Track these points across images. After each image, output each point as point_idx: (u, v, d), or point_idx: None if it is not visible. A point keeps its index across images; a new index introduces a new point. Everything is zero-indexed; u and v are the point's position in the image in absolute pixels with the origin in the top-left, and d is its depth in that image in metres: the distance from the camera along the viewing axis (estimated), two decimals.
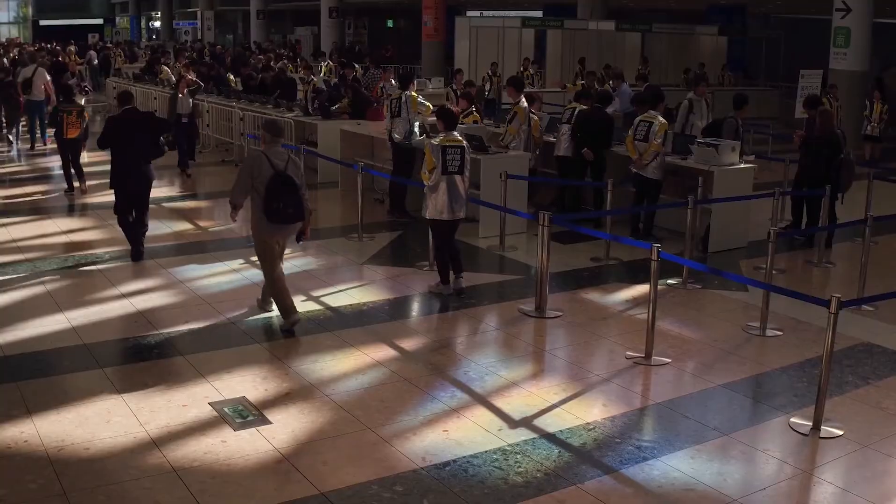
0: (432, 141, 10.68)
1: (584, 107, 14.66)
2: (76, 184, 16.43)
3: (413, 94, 14.65)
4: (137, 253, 12.05)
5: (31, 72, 21.80)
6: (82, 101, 18.62)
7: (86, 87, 23.01)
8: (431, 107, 14.38)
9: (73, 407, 7.41)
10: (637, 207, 13.39)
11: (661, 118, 13.27)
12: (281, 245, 9.64)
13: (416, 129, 14.51)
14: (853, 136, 20.39)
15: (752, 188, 13.43)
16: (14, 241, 13.12)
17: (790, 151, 16.81)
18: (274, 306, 9.62)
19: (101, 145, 12.11)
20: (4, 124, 23.68)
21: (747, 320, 9.88)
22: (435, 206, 10.46)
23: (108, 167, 12.17)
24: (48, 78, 21.68)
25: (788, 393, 8.06)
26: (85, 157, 17.03)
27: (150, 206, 12.33)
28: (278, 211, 9.15)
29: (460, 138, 10.55)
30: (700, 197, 12.27)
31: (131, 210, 12.11)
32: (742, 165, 13.29)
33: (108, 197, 12.54)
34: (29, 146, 21.99)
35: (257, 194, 9.18)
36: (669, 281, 11.17)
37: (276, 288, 9.46)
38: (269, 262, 9.46)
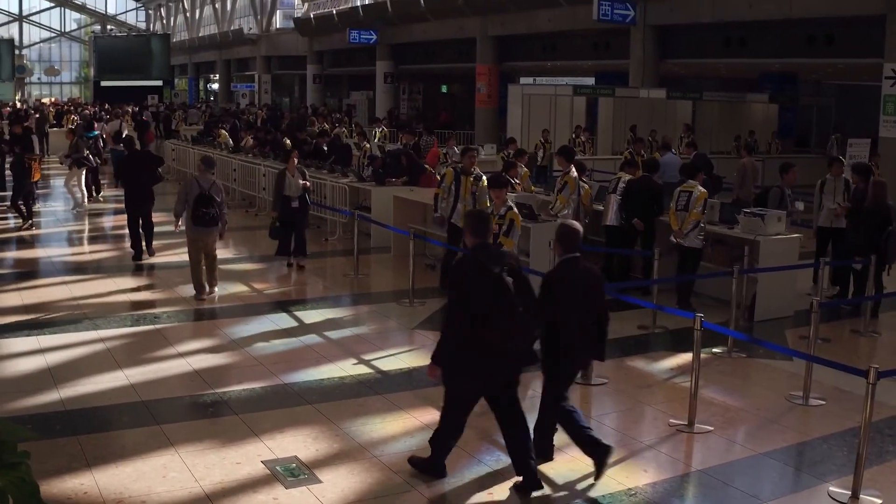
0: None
1: (631, 176, 14.81)
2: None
3: (484, 183, 13.56)
4: (139, 254, 16.37)
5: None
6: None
7: (86, 158, 22.79)
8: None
9: (131, 461, 7.69)
10: (682, 276, 13.52)
11: (700, 188, 13.42)
12: (204, 242, 13.57)
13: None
14: None
15: (798, 257, 13.53)
16: (75, 298, 13.52)
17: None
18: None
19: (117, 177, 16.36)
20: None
21: (791, 389, 9.96)
22: None
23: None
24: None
25: (829, 462, 8.17)
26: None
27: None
28: (200, 216, 13.32)
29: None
30: (746, 266, 12.41)
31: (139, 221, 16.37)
32: (788, 235, 13.40)
33: (166, 259, 15.07)
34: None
35: (188, 206, 13.36)
36: (715, 349, 11.30)
37: (193, 271, 13.63)
38: (193, 254, 13.64)
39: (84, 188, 22.82)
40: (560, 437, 8.45)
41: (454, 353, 7.20)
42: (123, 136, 25.33)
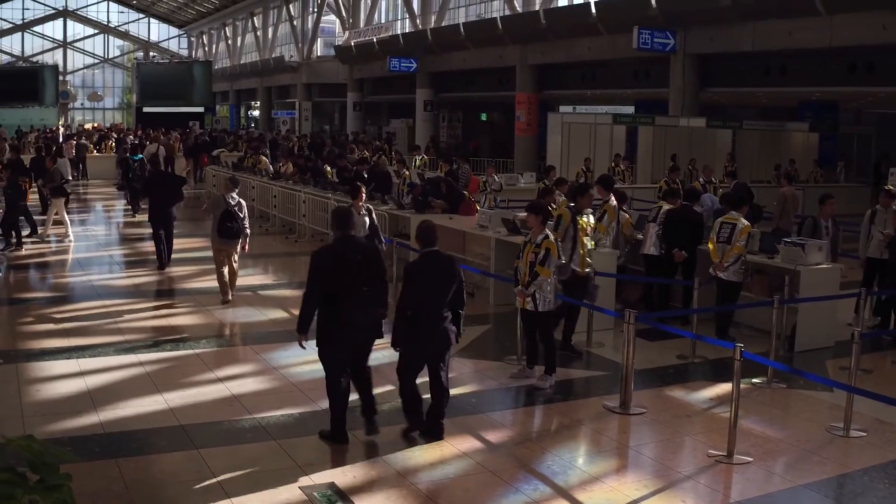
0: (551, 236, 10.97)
1: (671, 205, 14.77)
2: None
3: (584, 220, 12.49)
4: (162, 264, 17.90)
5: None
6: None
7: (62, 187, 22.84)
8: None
9: (169, 485, 7.74)
10: (723, 307, 13.42)
11: (743, 220, 13.22)
12: (227, 252, 14.83)
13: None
14: None
15: (839, 287, 13.42)
16: (115, 322, 13.64)
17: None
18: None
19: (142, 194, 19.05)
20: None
21: (831, 420, 9.85)
22: (551, 299, 10.88)
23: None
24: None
25: (870, 494, 8.10)
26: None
27: (246, 293, 12.78)
28: (225, 230, 14.58)
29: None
30: (786, 296, 12.34)
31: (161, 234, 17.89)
32: (828, 265, 13.30)
33: (204, 284, 15.56)
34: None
35: (214, 220, 14.77)
36: (754, 380, 11.21)
37: (218, 277, 14.93)
38: (218, 262, 14.89)
39: (66, 217, 22.40)
40: (598, 467, 8.44)
41: (320, 326, 8.75)
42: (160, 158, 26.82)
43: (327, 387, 8.88)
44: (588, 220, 12.48)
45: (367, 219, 14.35)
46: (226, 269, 14.97)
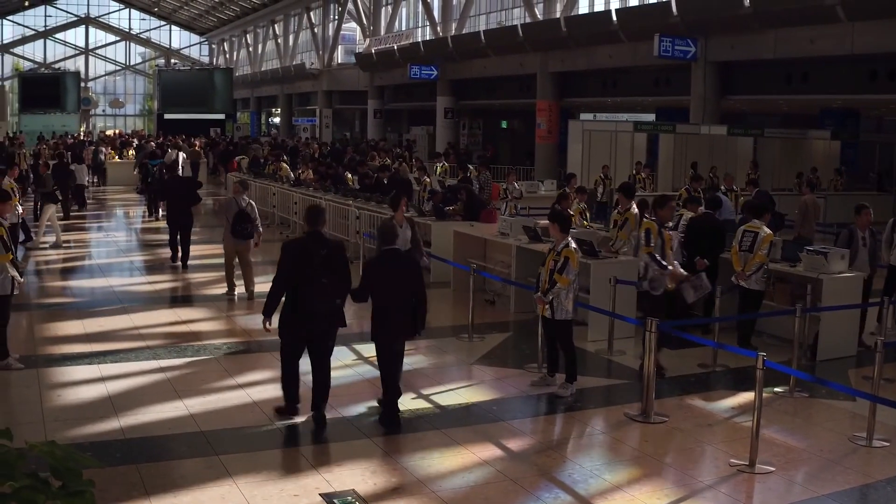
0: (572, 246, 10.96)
1: (692, 213, 14.71)
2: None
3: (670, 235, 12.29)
4: (174, 258, 19.25)
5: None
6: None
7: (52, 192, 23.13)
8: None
9: (189, 491, 7.75)
10: (744, 315, 13.36)
11: (766, 228, 13.13)
12: (239, 252, 15.87)
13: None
14: None
15: (861, 296, 13.33)
16: (136, 327, 13.68)
17: None
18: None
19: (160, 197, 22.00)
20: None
21: (854, 430, 9.79)
22: (569, 309, 10.87)
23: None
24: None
25: None
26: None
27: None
28: (239, 231, 15.54)
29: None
30: (808, 304, 12.27)
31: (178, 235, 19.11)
32: (851, 273, 13.22)
33: (223, 289, 16.00)
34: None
35: (227, 221, 15.82)
36: (776, 389, 11.16)
37: (227, 273, 16.03)
38: (228, 258, 15.96)
39: (56, 223, 22.52)
40: (619, 476, 8.42)
41: (282, 311, 9.50)
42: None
43: (281, 365, 9.83)
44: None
45: (408, 232, 13.61)
46: (235, 262, 16.05)
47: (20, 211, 19.07)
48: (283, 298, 9.46)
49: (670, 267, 11.89)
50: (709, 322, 13.42)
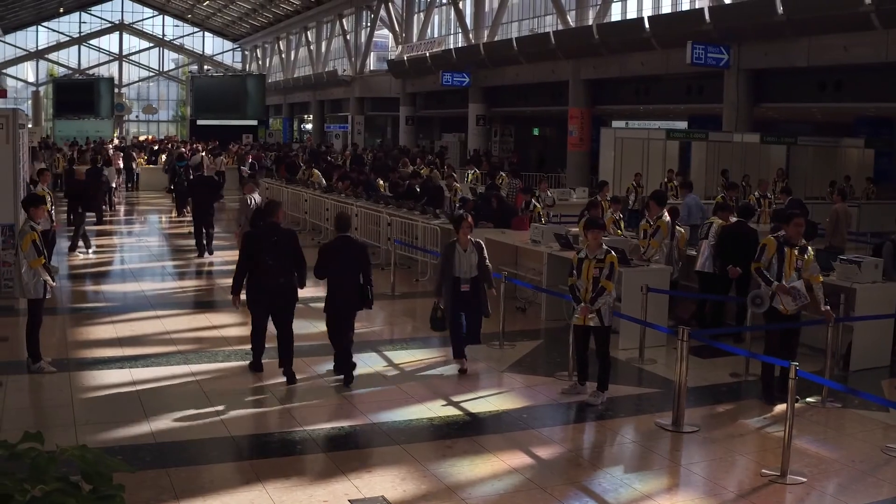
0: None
1: (722, 221, 14.59)
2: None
3: (811, 255, 11.42)
4: (201, 253, 21.09)
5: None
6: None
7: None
8: None
9: (219, 496, 7.77)
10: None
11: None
12: None
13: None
14: None
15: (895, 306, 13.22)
16: (167, 332, 13.74)
17: None
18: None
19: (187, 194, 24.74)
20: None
21: (887, 441, 9.72)
22: (610, 315, 10.91)
23: None
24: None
25: None
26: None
27: (297, 305, 12.87)
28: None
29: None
30: (841, 314, 12.18)
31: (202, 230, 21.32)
32: (884, 282, 13.10)
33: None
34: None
35: (245, 220, 17.05)
36: (809, 399, 11.08)
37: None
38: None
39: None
40: (650, 485, 8.38)
41: (247, 288, 11.53)
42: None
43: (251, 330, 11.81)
44: (808, 254, 11.29)
45: (474, 257, 12.21)
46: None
47: (54, 218, 19.12)
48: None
49: (775, 282, 11.09)
50: (741, 331, 13.34)
